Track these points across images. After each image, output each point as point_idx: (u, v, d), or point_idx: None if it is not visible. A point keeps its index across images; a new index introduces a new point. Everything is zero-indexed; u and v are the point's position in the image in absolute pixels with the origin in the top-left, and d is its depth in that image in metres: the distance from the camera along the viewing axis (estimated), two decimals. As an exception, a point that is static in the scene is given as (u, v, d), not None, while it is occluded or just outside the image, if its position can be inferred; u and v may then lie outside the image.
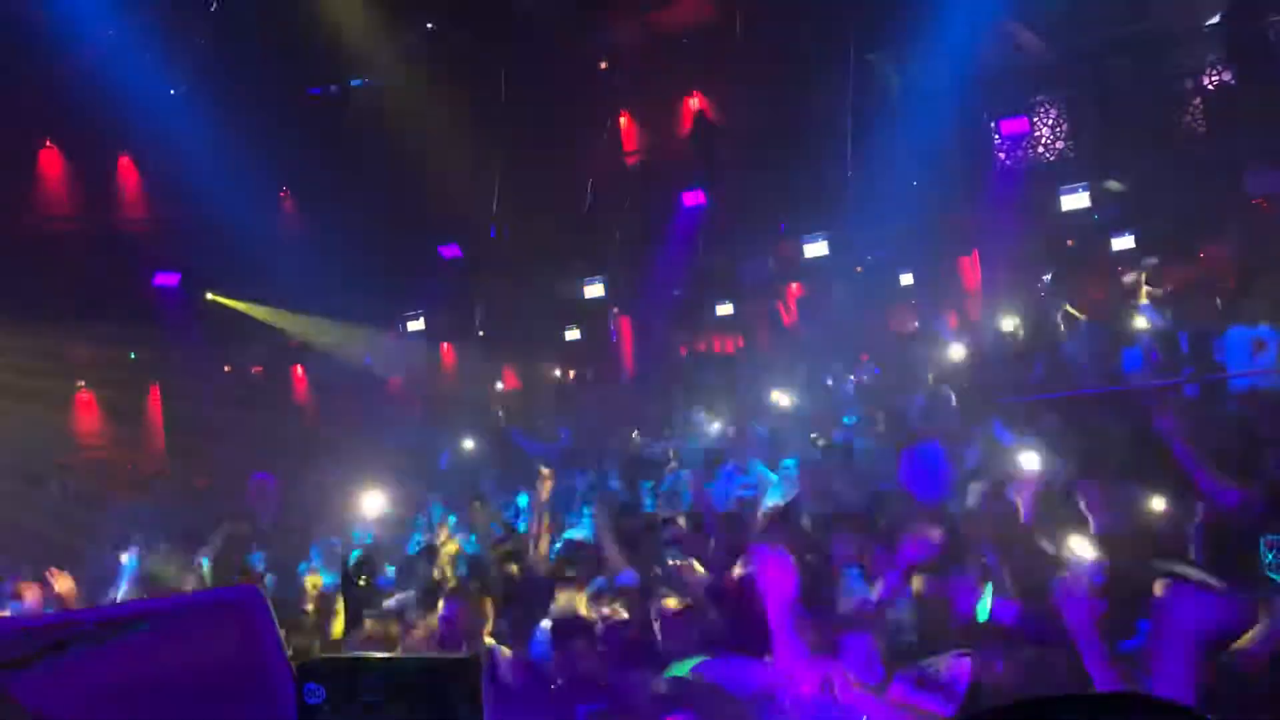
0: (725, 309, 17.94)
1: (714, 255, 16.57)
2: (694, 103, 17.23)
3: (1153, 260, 12.35)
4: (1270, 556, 4.48)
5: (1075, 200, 13.94)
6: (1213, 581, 3.86)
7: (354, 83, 16.16)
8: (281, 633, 1.46)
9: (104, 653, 1.52)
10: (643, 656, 4.74)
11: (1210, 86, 13.81)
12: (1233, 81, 13.53)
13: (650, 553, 6.40)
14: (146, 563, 7.65)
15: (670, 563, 6.01)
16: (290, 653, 1.45)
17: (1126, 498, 5.61)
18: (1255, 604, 3.73)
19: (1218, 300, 10.27)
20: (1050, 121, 14.89)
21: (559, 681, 4.68)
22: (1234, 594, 3.84)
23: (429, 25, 15.50)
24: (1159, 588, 3.88)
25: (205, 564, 7.80)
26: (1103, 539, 5.12)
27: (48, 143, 14.48)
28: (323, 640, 6.03)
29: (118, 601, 6.58)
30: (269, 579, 8.06)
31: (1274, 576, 4.44)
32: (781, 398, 11.71)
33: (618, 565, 6.18)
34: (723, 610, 5.11)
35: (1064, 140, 14.88)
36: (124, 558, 7.51)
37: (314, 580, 7.46)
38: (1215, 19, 13.50)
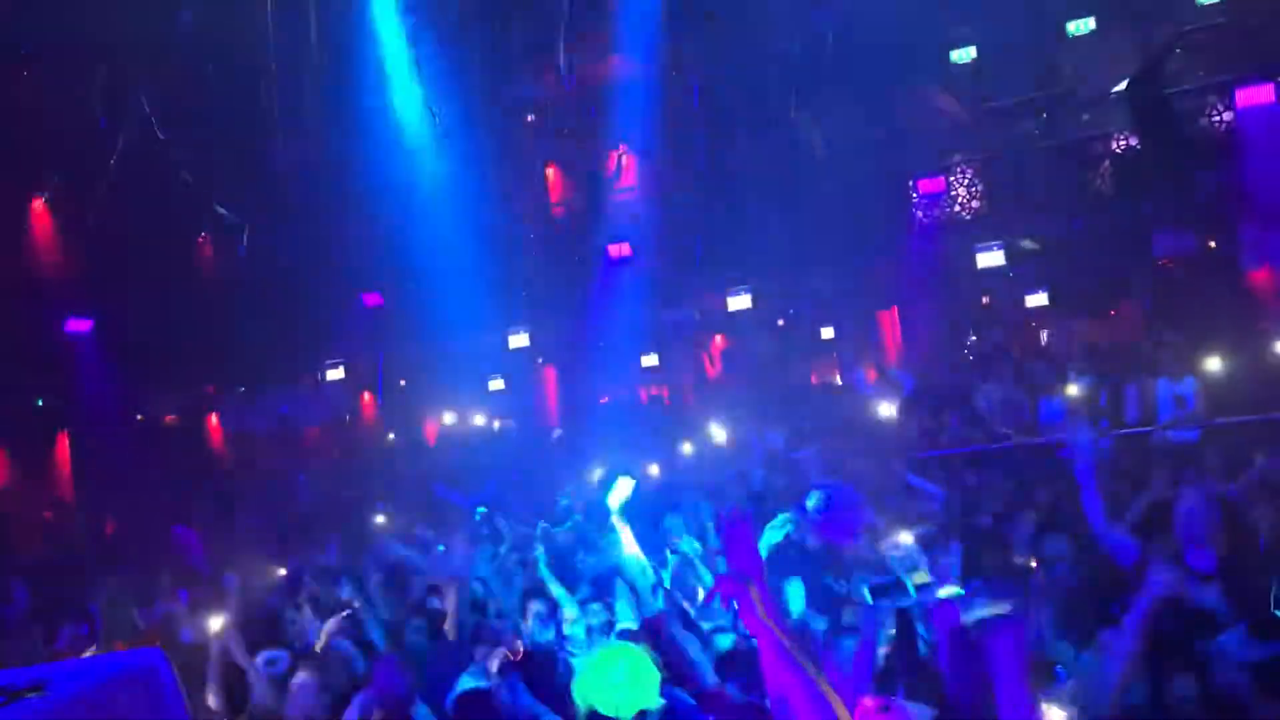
0: (650, 360, 17.93)
1: (639, 306, 16.61)
2: (621, 156, 17.37)
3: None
4: None
5: (990, 258, 14.31)
6: None
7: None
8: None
9: (-4, 721, 1.44)
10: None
11: (1118, 150, 14.31)
12: (1139, 146, 14.05)
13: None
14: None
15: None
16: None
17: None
18: None
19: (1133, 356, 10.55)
20: (966, 181, 15.27)
21: None
22: None
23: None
24: None
25: None
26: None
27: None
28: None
29: None
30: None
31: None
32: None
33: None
34: None
35: (979, 200, 15.27)
36: None
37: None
38: (1122, 85, 14.05)
